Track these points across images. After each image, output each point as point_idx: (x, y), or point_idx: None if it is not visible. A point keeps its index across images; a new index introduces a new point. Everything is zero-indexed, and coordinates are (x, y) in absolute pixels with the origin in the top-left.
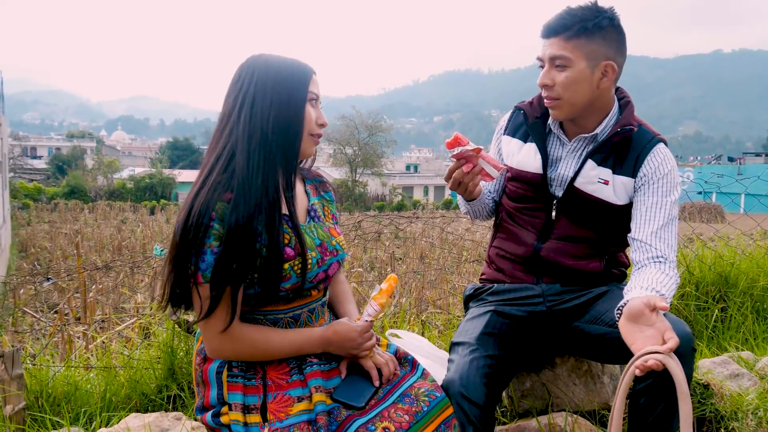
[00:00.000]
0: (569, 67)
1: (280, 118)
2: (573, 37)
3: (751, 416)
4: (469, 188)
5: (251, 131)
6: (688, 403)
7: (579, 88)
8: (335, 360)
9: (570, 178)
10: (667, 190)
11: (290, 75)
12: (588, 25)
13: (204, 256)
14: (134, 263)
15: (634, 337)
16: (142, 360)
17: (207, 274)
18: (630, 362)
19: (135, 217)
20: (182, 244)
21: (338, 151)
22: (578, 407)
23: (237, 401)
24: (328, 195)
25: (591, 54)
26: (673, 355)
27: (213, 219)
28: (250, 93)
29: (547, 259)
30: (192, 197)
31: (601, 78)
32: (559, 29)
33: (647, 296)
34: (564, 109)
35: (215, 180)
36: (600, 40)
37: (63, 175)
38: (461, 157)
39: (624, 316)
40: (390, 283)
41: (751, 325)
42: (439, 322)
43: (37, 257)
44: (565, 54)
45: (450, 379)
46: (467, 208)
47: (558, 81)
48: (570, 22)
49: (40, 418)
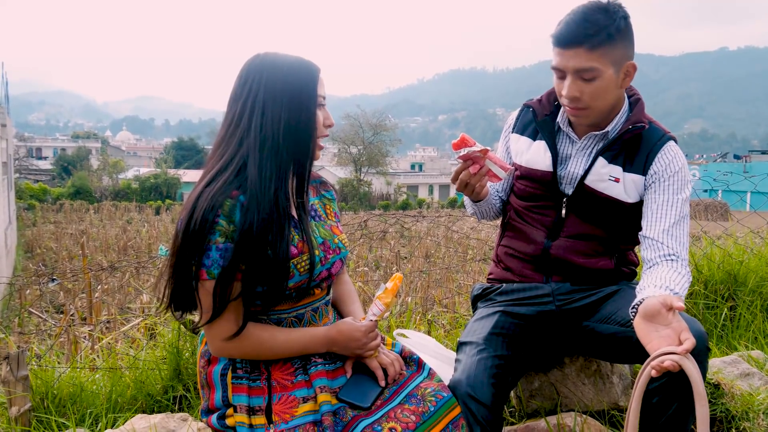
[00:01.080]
0: (598, 78)
1: (291, 127)
2: (598, 46)
3: (762, 416)
4: (476, 190)
5: (263, 141)
6: (705, 405)
7: (607, 95)
8: (340, 360)
9: (580, 176)
10: (678, 188)
11: (299, 80)
12: (611, 30)
13: (209, 253)
14: (140, 263)
15: (650, 336)
16: (148, 361)
17: (212, 270)
18: (646, 362)
19: (140, 217)
20: (185, 242)
21: (343, 150)
22: (587, 407)
23: (242, 403)
24: (329, 194)
25: (617, 59)
26: (689, 356)
27: (219, 215)
28: (259, 99)
29: (558, 258)
30: (195, 197)
31: (624, 78)
32: (583, 39)
33: (663, 295)
34: (592, 117)
35: (224, 179)
36: (621, 43)
37: (68, 175)
38: (468, 158)
39: (639, 314)
40: (395, 282)
41: (761, 324)
42: (445, 321)
43: (43, 258)
44: (594, 66)
45: (457, 379)
46: (474, 209)
47: (587, 92)
48: (592, 30)
49: (46, 419)
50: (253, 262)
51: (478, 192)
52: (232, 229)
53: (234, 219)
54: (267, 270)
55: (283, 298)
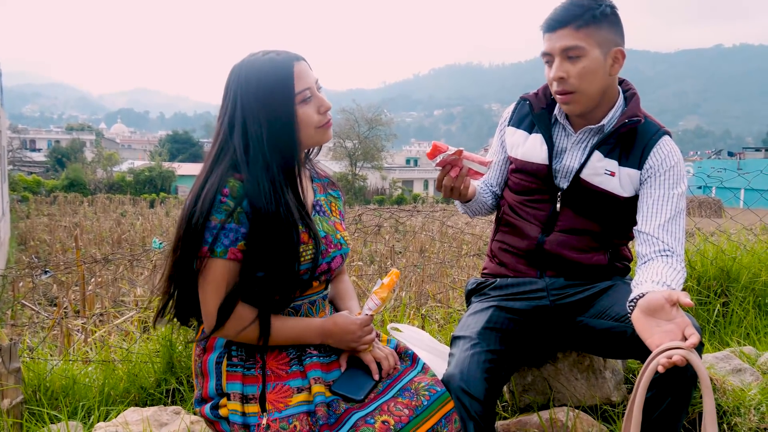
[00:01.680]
0: (584, 57)
1: (273, 130)
2: (583, 26)
3: (753, 411)
4: (462, 192)
5: (253, 158)
6: (712, 398)
7: (595, 78)
8: (335, 353)
9: (576, 170)
10: (674, 183)
11: (271, 81)
12: (596, 12)
13: (213, 231)
14: (133, 256)
15: (651, 331)
16: (141, 353)
17: (216, 248)
18: (650, 357)
19: (134, 210)
20: (189, 224)
21: (338, 145)
22: (580, 402)
23: (236, 391)
24: (336, 193)
25: (603, 41)
26: (694, 351)
27: (225, 195)
28: (237, 117)
29: (551, 252)
30: (200, 184)
31: (612, 65)
32: (569, 19)
33: (668, 291)
34: (581, 101)
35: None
36: (608, 27)
37: (62, 167)
38: (445, 164)
39: (640, 309)
40: (392, 277)
41: (753, 320)
42: (439, 315)
43: (37, 250)
44: (579, 44)
45: (450, 373)
46: (464, 208)
47: (573, 72)
48: (578, 11)
49: (38, 412)
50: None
51: (464, 194)
52: (238, 211)
53: (241, 201)
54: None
55: (299, 282)
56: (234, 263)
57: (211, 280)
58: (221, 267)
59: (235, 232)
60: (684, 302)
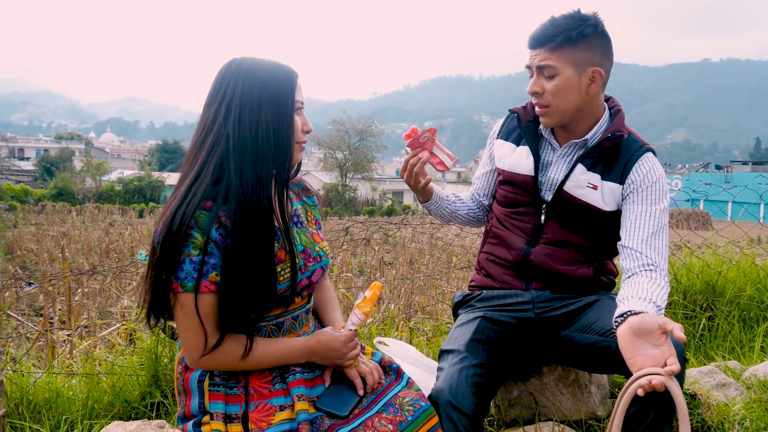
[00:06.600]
0: (557, 76)
1: (270, 133)
2: (557, 47)
3: (737, 426)
4: (419, 176)
5: (243, 147)
6: (688, 426)
7: (567, 96)
8: (319, 369)
9: (559, 182)
10: (656, 198)
11: (277, 85)
12: (572, 34)
13: (183, 266)
14: (120, 267)
15: (635, 352)
16: (126, 366)
17: (186, 283)
18: (630, 380)
19: (123, 220)
20: (162, 254)
21: (329, 156)
22: (565, 417)
23: (219, 410)
24: (311, 200)
25: (577, 61)
26: (674, 378)
27: (192, 228)
28: (235, 105)
29: (537, 264)
30: (173, 210)
31: (589, 84)
32: (544, 40)
33: (664, 319)
34: (554, 116)
35: (201, 192)
36: (584, 47)
37: (51, 176)
38: (417, 146)
39: (629, 328)
40: (374, 291)
41: (738, 334)
42: (428, 328)
43: (24, 259)
44: (550, 63)
45: (439, 388)
46: (431, 211)
47: (547, 89)
48: (553, 32)
49: (20, 426)
50: (238, 272)
51: (418, 181)
52: (207, 242)
53: (208, 232)
54: (253, 278)
55: (277, 301)
56: (207, 296)
57: (184, 314)
58: (193, 301)
59: (205, 264)
60: (677, 336)
